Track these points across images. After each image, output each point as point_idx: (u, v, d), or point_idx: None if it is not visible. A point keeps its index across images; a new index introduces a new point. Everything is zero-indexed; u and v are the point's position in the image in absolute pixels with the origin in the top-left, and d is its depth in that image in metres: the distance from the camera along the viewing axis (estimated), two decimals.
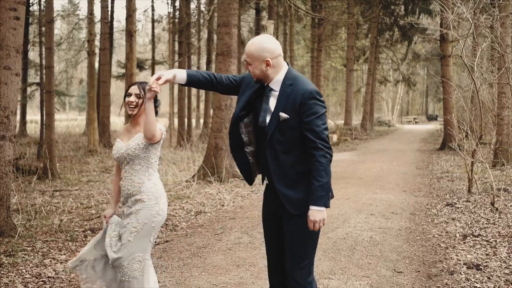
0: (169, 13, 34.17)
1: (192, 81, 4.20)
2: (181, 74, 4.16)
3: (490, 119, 18.82)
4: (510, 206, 10.39)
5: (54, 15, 18.09)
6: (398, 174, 16.00)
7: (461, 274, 6.18)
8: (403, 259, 6.78)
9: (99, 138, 23.36)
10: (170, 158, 18.44)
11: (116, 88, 62.57)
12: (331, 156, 3.83)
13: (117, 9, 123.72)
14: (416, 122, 67.89)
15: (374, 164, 18.55)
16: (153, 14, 39.05)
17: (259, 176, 4.32)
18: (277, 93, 4.00)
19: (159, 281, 5.88)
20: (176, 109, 31.33)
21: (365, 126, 39.19)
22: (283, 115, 3.92)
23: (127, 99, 4.39)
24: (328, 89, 61.01)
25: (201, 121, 40.71)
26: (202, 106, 50.14)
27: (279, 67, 4.04)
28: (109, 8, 29.16)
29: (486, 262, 6.62)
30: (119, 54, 46.24)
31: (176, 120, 31.09)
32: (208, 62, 34.26)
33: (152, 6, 38.48)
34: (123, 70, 41.79)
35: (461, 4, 12.66)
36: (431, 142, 31.45)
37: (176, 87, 32.70)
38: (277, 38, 24.09)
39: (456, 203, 10.76)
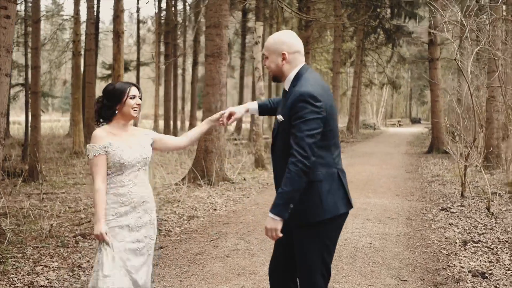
0: (156, 13, 33.94)
1: (264, 110, 4.26)
2: (253, 106, 4.23)
3: (477, 123, 18.87)
4: (505, 210, 10.30)
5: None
6: (388, 177, 15.87)
7: (467, 282, 6.02)
8: (406, 267, 6.61)
9: (84, 140, 23.03)
10: (157, 160, 18.22)
11: (100, 89, 61.99)
12: (306, 166, 3.56)
13: (102, 9, 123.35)
14: (400, 125, 68.10)
15: (364, 168, 18.42)
16: (138, 15, 38.86)
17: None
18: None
19: None
20: (162, 111, 31.08)
21: (351, 129, 39.14)
22: (279, 117, 3.81)
23: (132, 101, 4.13)
24: None
25: (187, 123, 40.51)
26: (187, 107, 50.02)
27: (295, 65, 3.87)
28: (95, 9, 28.86)
29: (490, 269, 6.48)
30: (103, 55, 45.85)
31: (161, 122, 30.86)
32: (194, 64, 34.09)
33: (138, 7, 38.28)
34: (108, 71, 41.55)
35: (454, 6, 12.55)
36: (418, 145, 31.45)
37: (161, 89, 32.40)
38: (263, 40, 23.93)
39: (451, 208, 10.65)
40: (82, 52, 25.64)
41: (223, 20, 13.95)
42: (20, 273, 6.12)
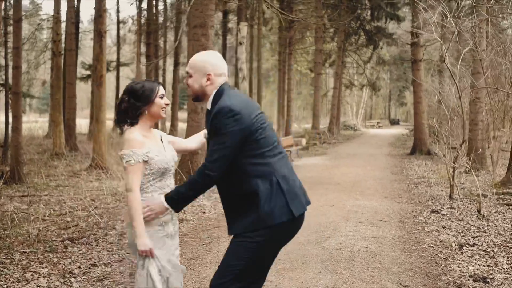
0: (137, 13, 33.65)
1: None
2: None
3: (464, 124, 18.94)
4: (495, 213, 10.28)
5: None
6: (374, 179, 15.81)
7: (469, 287, 5.91)
8: (406, 271, 6.48)
9: (65, 141, 22.70)
10: None
11: (79, 90, 61.57)
12: (210, 179, 3.59)
13: (82, 9, 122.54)
14: (379, 126, 68.41)
15: (349, 169, 18.36)
16: (118, 16, 38.54)
17: None
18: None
19: None
20: None
21: (332, 130, 39.16)
22: (206, 136, 3.86)
23: (162, 101, 3.90)
24: (292, 93, 61.04)
25: (167, 124, 40.19)
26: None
27: (217, 85, 3.83)
28: (75, 8, 28.51)
29: (490, 274, 6.38)
30: (82, 55, 45.44)
31: None
32: (176, 65, 33.82)
33: (118, 7, 37.97)
34: (87, 72, 41.16)
35: (442, 7, 12.50)
36: (400, 146, 31.55)
37: None
38: (248, 40, 23.91)
39: (441, 210, 10.59)
40: (62, 52, 25.28)
41: (209, 20, 13.79)
42: (9, 280, 5.89)
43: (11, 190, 12.86)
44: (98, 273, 6.30)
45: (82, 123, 38.71)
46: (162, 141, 3.97)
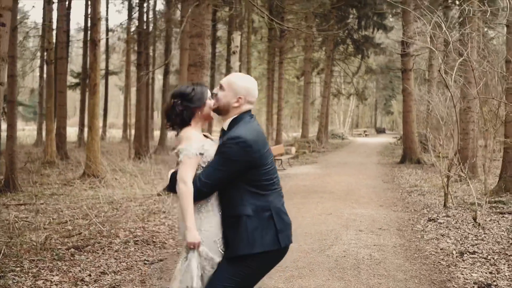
0: (127, 22, 33.65)
1: None
2: None
3: (458, 134, 19.17)
4: (489, 221, 10.41)
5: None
6: (367, 188, 15.94)
7: None
8: (411, 279, 6.60)
9: (56, 150, 22.66)
10: (131, 170, 17.98)
11: (70, 98, 61.31)
12: (201, 194, 3.73)
13: (72, 18, 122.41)
14: (366, 134, 68.72)
15: (341, 178, 18.50)
16: (107, 24, 38.55)
17: None
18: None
19: None
20: (133, 120, 30.77)
21: (321, 139, 39.35)
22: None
23: (211, 102, 4.01)
24: (283, 102, 61.27)
25: (156, 133, 40.20)
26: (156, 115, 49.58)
27: (240, 110, 3.95)
28: (66, 17, 28.53)
29: (494, 281, 6.51)
30: (71, 64, 45.42)
31: (132, 132, 30.53)
32: (166, 73, 33.87)
33: (107, 17, 37.98)
34: (76, 80, 41.11)
35: (438, 17, 12.67)
36: (388, 155, 31.73)
37: (133, 97, 32.12)
38: (241, 50, 24.15)
39: (437, 219, 10.72)
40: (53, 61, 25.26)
41: (206, 30, 13.90)
42: (23, 286, 5.94)
43: (6, 199, 12.88)
44: (109, 280, 6.37)
45: (70, 131, 38.67)
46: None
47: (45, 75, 34.14)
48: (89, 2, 34.28)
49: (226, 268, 3.79)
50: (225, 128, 3.94)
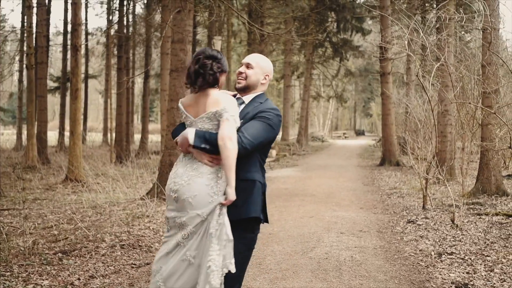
0: (107, 26, 33.67)
1: None
2: None
3: (435, 137, 19.51)
4: (467, 222, 10.68)
5: None
6: (348, 190, 16.18)
7: None
8: (392, 279, 6.82)
9: (37, 154, 22.67)
10: (113, 174, 18.06)
11: (50, 103, 61.06)
12: (242, 151, 3.92)
13: (51, 22, 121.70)
14: (346, 137, 69.19)
15: (321, 180, 18.73)
16: (86, 28, 38.45)
17: None
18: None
19: None
20: (113, 124, 30.76)
21: (301, 142, 39.64)
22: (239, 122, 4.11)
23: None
24: None
25: (137, 136, 40.18)
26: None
27: (263, 89, 4.35)
28: (46, 22, 28.51)
29: (471, 281, 6.74)
30: (50, 68, 45.24)
31: (113, 135, 30.52)
32: (146, 77, 33.93)
33: (86, 22, 37.89)
34: (55, 84, 41.04)
35: (415, 23, 12.94)
36: (368, 157, 32.07)
37: (114, 101, 32.12)
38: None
39: (416, 220, 10.97)
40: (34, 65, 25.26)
41: (187, 36, 14.05)
42: None
43: None
44: (98, 284, 6.51)
45: (50, 135, 38.58)
46: None
47: (24, 80, 34.19)
48: (69, 7, 34.34)
49: (240, 234, 4.04)
50: (246, 102, 4.24)
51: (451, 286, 6.52)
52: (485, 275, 7.00)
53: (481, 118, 14.42)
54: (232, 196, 3.85)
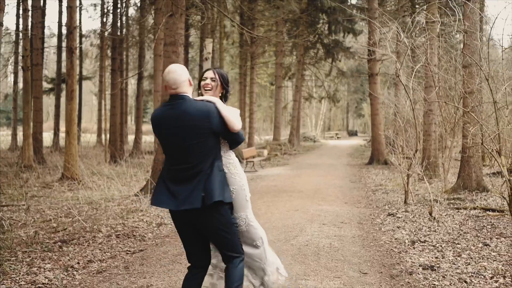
0: (100, 28, 34.13)
1: None
2: None
3: (417, 135, 20.05)
4: (445, 215, 11.24)
5: None
6: (335, 187, 16.76)
7: (419, 274, 6.87)
8: (365, 262, 7.44)
9: (33, 154, 23.16)
10: (108, 173, 18.59)
11: (45, 104, 61.31)
12: None
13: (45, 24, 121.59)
14: (338, 137, 69.72)
15: (310, 178, 19.31)
16: (80, 30, 38.87)
17: None
18: None
19: (151, 285, 6.31)
20: (107, 125, 31.25)
21: (292, 142, 40.16)
22: None
23: (202, 82, 4.99)
24: (254, 105, 61.90)
25: (130, 137, 40.63)
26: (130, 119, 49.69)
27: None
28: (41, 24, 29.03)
29: (438, 264, 7.34)
30: (44, 70, 45.62)
31: (107, 136, 31.00)
32: (140, 78, 34.42)
33: (80, 25, 38.31)
34: (49, 85, 41.47)
35: (395, 27, 13.54)
36: (358, 157, 32.64)
37: (108, 102, 32.57)
38: (213, 56, 25.10)
39: (396, 213, 11.55)
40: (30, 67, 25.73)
41: (179, 38, 14.61)
42: (19, 273, 6.68)
43: None
44: (96, 267, 7.14)
45: (44, 136, 38.98)
46: None
47: (19, 82, 34.67)
48: (63, 10, 34.83)
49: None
50: None
51: (418, 268, 7.12)
52: (452, 259, 7.59)
53: (461, 117, 14.98)
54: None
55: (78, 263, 7.27)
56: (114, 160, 25.17)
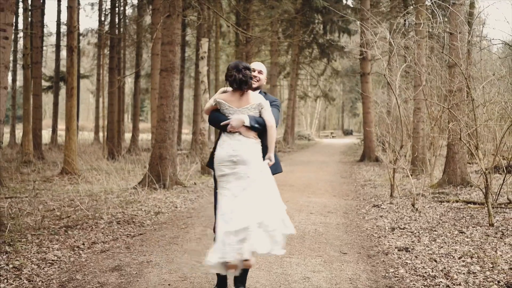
0: (98, 27, 34.73)
1: None
2: None
3: (405, 132, 20.65)
4: (428, 207, 11.91)
5: None
6: (325, 182, 17.43)
7: (393, 254, 7.56)
8: (346, 245, 8.13)
9: (33, 150, 23.75)
10: (106, 168, 19.21)
11: (44, 102, 61.50)
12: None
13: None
14: (333, 136, 70.30)
15: (302, 174, 19.95)
16: (78, 28, 39.39)
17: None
18: None
19: (151, 261, 6.98)
20: (104, 122, 31.87)
21: (287, 140, 40.79)
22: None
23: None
24: None
25: (128, 135, 41.16)
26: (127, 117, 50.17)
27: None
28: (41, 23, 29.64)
29: (413, 246, 8.03)
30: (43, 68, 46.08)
31: (104, 133, 31.59)
32: (137, 77, 34.98)
33: (78, 23, 38.80)
34: (47, 83, 41.99)
35: (383, 28, 14.20)
36: (351, 154, 33.30)
37: (106, 100, 33.15)
38: (209, 55, 25.80)
39: (381, 205, 12.24)
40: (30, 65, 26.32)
41: (176, 38, 15.27)
42: (30, 252, 7.36)
43: None
44: (100, 247, 7.82)
45: (42, 133, 39.51)
46: None
47: (18, 80, 35.21)
48: (62, 9, 35.42)
49: None
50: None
51: (394, 250, 7.81)
52: (427, 243, 8.27)
53: (443, 115, 15.61)
54: (273, 159, 5.57)
55: (83, 244, 7.96)
56: (112, 156, 25.76)
